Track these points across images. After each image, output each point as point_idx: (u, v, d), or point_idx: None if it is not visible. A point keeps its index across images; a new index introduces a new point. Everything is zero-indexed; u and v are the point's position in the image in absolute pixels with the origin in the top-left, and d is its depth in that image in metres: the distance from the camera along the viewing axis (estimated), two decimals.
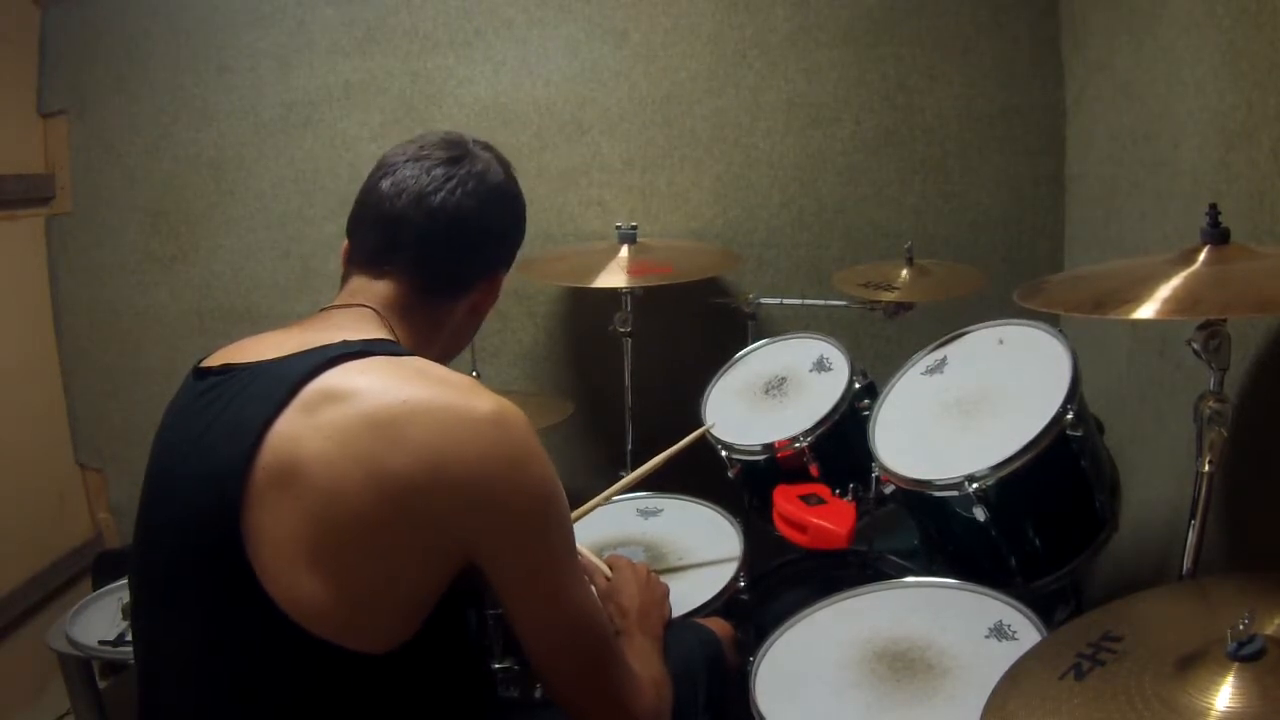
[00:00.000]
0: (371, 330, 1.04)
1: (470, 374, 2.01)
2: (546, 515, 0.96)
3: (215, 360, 1.02)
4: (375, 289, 1.08)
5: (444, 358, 1.14)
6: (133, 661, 1.04)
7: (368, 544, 0.88)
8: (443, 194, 1.07)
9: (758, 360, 1.99)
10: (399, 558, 0.89)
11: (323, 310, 1.09)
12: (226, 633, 0.91)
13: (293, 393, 0.91)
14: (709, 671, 1.29)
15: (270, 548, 0.87)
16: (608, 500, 1.61)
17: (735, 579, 1.56)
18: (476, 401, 0.93)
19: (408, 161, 1.09)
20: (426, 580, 0.92)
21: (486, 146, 1.15)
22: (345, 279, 1.12)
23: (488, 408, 0.92)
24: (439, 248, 1.08)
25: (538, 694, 1.43)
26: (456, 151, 1.10)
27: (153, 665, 0.99)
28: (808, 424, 1.72)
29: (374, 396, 0.90)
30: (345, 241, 1.14)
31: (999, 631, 1.31)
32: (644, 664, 1.11)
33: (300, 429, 0.89)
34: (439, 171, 1.08)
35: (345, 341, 0.98)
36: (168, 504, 0.96)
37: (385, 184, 1.08)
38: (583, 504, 1.56)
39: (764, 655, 1.36)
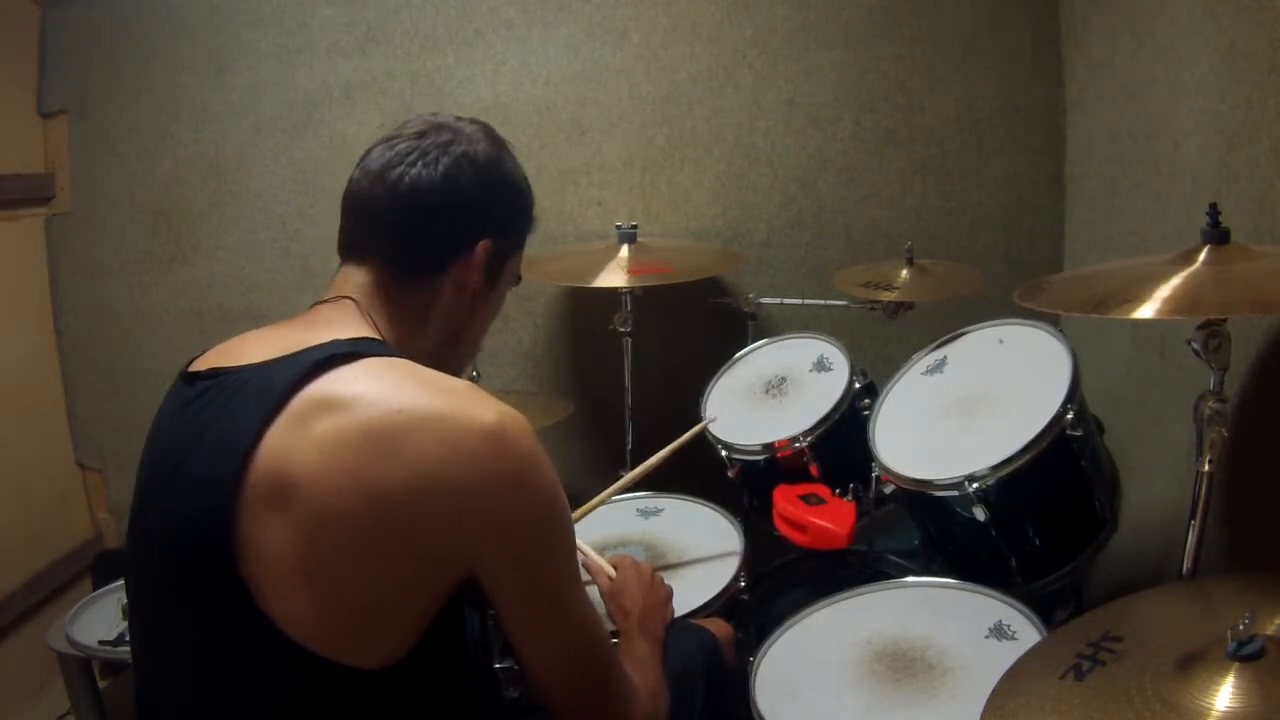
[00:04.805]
0: (356, 325, 1.01)
1: (470, 374, 2.03)
2: (547, 528, 0.94)
3: (203, 364, 0.99)
4: (356, 278, 1.06)
5: (447, 344, 1.10)
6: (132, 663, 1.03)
7: (363, 559, 0.86)
8: (401, 167, 1.04)
9: (758, 360, 1.99)
10: (396, 572, 0.87)
11: (314, 305, 1.07)
12: (221, 647, 0.89)
13: (283, 401, 0.88)
14: (707, 673, 1.29)
15: (264, 563, 0.85)
16: (608, 500, 1.61)
17: (735, 579, 1.56)
18: (476, 411, 0.89)
19: (378, 145, 1.08)
20: (425, 594, 0.90)
21: (474, 121, 1.11)
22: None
23: (488, 418, 0.89)
24: (403, 222, 1.05)
25: None
26: (425, 127, 1.08)
27: (149, 679, 0.98)
28: (808, 424, 1.72)
29: (368, 406, 0.87)
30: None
31: (999, 631, 1.31)
32: (641, 671, 1.10)
33: (292, 442, 0.86)
34: (402, 147, 1.06)
35: (334, 341, 0.95)
36: (159, 516, 0.94)
37: (356, 170, 1.08)
38: (583, 504, 1.56)
39: (764, 655, 1.36)
